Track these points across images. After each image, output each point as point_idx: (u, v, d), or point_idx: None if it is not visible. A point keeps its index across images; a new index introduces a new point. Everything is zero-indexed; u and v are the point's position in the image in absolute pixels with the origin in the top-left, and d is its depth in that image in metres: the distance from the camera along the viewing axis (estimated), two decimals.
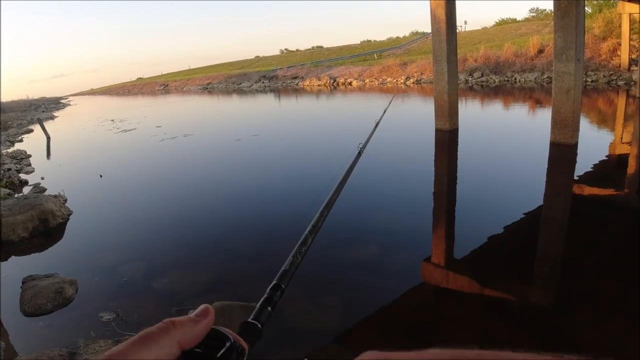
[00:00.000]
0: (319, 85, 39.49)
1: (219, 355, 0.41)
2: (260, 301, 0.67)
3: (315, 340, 3.79)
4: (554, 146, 9.41)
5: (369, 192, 7.79)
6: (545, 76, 23.35)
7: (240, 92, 44.66)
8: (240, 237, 6.39)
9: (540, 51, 25.57)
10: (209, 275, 5.23)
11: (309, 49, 74.01)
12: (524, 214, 6.18)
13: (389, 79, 33.42)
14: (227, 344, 0.43)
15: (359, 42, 62.77)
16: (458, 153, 10.49)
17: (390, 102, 3.20)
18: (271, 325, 3.47)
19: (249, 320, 0.60)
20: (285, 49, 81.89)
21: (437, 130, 12.30)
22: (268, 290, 0.71)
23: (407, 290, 4.52)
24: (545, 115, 13.08)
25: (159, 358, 0.37)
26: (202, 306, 0.45)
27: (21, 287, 5.12)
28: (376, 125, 2.27)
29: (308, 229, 0.95)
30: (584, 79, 18.80)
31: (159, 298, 4.77)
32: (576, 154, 9.01)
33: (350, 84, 36.67)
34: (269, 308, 0.67)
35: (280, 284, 0.74)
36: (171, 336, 0.39)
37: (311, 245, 0.87)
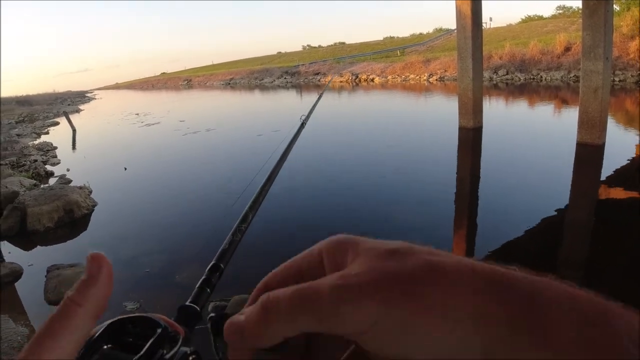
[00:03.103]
0: (341, 81, 39.37)
1: (148, 344, 0.36)
2: (199, 283, 0.65)
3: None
4: (581, 146, 9.21)
5: (388, 189, 7.77)
6: (571, 75, 22.87)
7: (263, 87, 44.83)
8: (263, 233, 6.41)
9: (567, 49, 25.05)
10: (230, 269, 5.25)
11: (332, 45, 74.03)
12: (547, 215, 6.06)
13: (411, 76, 33.14)
14: (158, 331, 0.39)
15: (382, 39, 62.50)
16: (482, 151, 10.35)
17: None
18: None
19: (186, 303, 0.58)
20: (308, 45, 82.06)
21: (461, 128, 12.15)
22: (206, 271, 0.68)
23: None
24: (571, 115, 12.82)
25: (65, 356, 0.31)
26: (89, 256, 0.37)
27: (46, 276, 5.22)
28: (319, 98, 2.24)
29: (248, 205, 0.91)
30: (612, 78, 18.41)
31: (179, 289, 4.81)
32: (603, 155, 8.80)
33: (372, 80, 36.48)
34: (208, 290, 0.65)
35: (219, 263, 0.72)
36: (74, 323, 0.33)
37: (251, 222, 0.84)
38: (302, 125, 1.68)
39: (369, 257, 0.31)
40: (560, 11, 49.52)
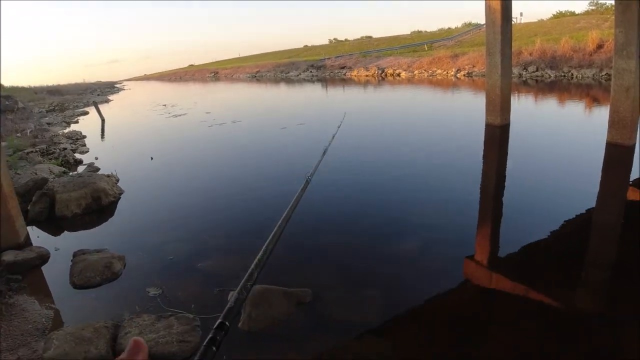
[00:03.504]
0: (367, 75, 39.17)
1: None
2: (205, 341, 0.67)
3: (355, 332, 3.78)
4: (611, 147, 8.99)
5: (412, 186, 7.73)
6: (603, 73, 22.27)
7: (288, 81, 44.91)
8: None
9: (600, 46, 24.37)
10: (251, 260, 5.30)
11: (358, 39, 73.54)
12: (574, 216, 5.94)
13: (438, 71, 32.75)
14: None
15: (409, 33, 61.85)
16: (508, 149, 10.18)
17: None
18: (310, 314, 3.48)
19: None
20: (334, 39, 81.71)
21: (488, 125, 11.98)
22: (213, 329, 0.70)
23: (448, 285, 4.46)
24: (602, 114, 12.52)
25: None
26: (132, 341, 0.44)
27: (72, 261, 5.35)
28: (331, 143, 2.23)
29: (254, 263, 0.95)
30: None
31: (202, 278, 4.88)
32: (633, 156, 8.57)
33: (398, 75, 36.18)
34: (214, 348, 0.66)
35: (224, 322, 0.74)
36: None
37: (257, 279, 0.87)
38: (307, 182, 1.71)
39: None
40: (593, 7, 48.09)
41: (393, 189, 7.71)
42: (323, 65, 49.00)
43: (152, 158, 11.61)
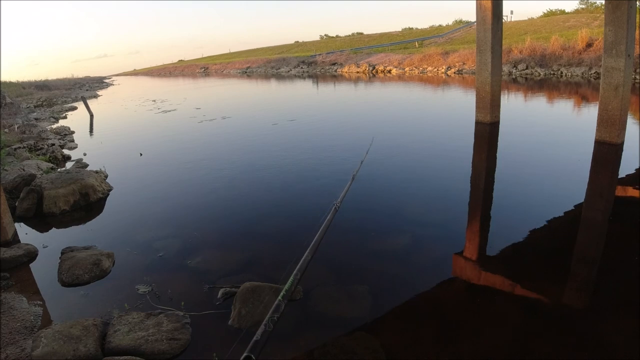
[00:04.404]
0: (358, 72, 39.18)
1: None
2: None
3: (345, 328, 3.78)
4: (599, 145, 9.07)
5: (403, 182, 7.75)
6: (592, 71, 22.45)
7: (279, 77, 44.79)
8: (273, 220, 6.44)
9: (589, 45, 24.56)
10: (241, 256, 5.30)
11: (349, 35, 73.48)
12: (562, 213, 6.00)
13: (429, 68, 32.82)
14: None
15: (400, 30, 61.77)
16: (498, 147, 10.24)
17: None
18: (301, 311, 3.49)
19: None
20: (325, 35, 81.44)
21: (477, 123, 12.04)
22: None
23: (436, 281, 4.49)
24: (590, 112, 12.63)
25: None
26: None
27: (60, 258, 5.31)
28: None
29: (281, 294, 0.94)
30: (633, 76, 18.05)
31: (192, 275, 4.87)
32: (621, 154, 8.66)
33: (389, 72, 36.21)
34: None
35: (251, 355, 0.73)
36: None
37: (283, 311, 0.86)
38: (336, 209, 1.73)
39: None
40: (583, 6, 48.38)
41: (380, 185, 7.73)
42: (314, 62, 48.94)
43: (141, 154, 11.53)
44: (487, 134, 11.35)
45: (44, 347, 3.44)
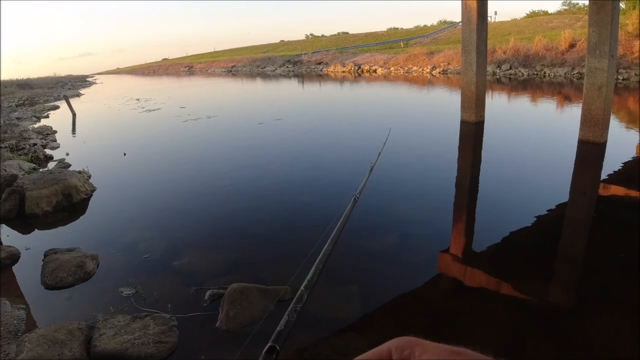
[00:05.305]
0: (343, 71, 39.21)
1: None
2: None
3: (334, 327, 3.77)
4: (582, 144, 9.18)
5: (390, 183, 7.75)
6: (575, 72, 22.75)
7: (264, 76, 44.64)
8: (260, 220, 6.41)
9: (572, 46, 24.87)
10: (228, 257, 5.26)
11: (335, 34, 73.53)
12: (546, 211, 6.05)
13: (414, 68, 32.96)
14: None
15: (386, 30, 61.96)
16: (483, 146, 10.31)
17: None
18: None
19: None
20: (311, 34, 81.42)
21: (463, 122, 12.12)
22: (263, 353, 0.68)
23: (424, 279, 4.50)
24: (573, 112, 12.78)
25: None
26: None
27: (43, 260, 5.22)
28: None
29: (303, 284, 0.91)
30: (616, 76, 18.31)
31: (178, 277, 4.81)
32: (604, 153, 8.77)
33: (375, 71, 36.30)
34: None
35: (275, 345, 0.72)
36: None
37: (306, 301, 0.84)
38: (355, 200, 1.76)
39: (435, 354, 0.40)
40: (566, 7, 49.00)
41: (368, 186, 7.73)
42: (300, 61, 48.84)
43: (125, 154, 11.39)
44: (472, 133, 11.43)
45: (28, 351, 3.37)
